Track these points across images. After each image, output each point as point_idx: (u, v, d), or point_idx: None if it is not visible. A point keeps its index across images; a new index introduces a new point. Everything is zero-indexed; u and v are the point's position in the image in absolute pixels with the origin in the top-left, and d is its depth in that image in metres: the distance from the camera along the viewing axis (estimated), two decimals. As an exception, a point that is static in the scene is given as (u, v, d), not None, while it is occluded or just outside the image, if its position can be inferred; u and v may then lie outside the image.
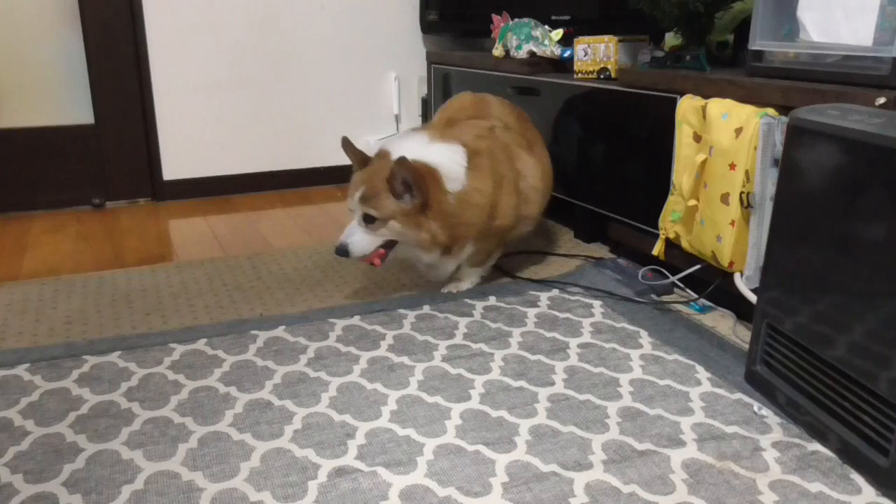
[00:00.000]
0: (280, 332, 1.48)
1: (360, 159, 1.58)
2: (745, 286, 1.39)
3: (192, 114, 2.57)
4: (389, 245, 1.55)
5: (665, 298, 1.65)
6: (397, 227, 1.50)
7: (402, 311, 1.58)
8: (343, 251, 1.52)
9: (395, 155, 1.50)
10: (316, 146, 2.79)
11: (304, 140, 2.77)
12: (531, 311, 1.58)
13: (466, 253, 1.62)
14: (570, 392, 1.24)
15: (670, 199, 1.59)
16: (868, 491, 0.99)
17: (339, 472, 1.02)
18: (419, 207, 1.49)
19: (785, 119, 1.26)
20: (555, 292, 1.69)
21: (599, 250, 2.02)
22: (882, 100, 1.18)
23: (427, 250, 1.54)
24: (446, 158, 1.54)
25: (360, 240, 1.52)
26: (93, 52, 2.46)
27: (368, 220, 1.50)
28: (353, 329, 1.49)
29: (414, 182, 1.46)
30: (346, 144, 1.57)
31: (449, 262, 1.62)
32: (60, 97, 2.49)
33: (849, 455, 1.04)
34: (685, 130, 1.52)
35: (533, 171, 1.70)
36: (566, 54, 2.07)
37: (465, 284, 1.71)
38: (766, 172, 1.35)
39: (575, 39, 1.96)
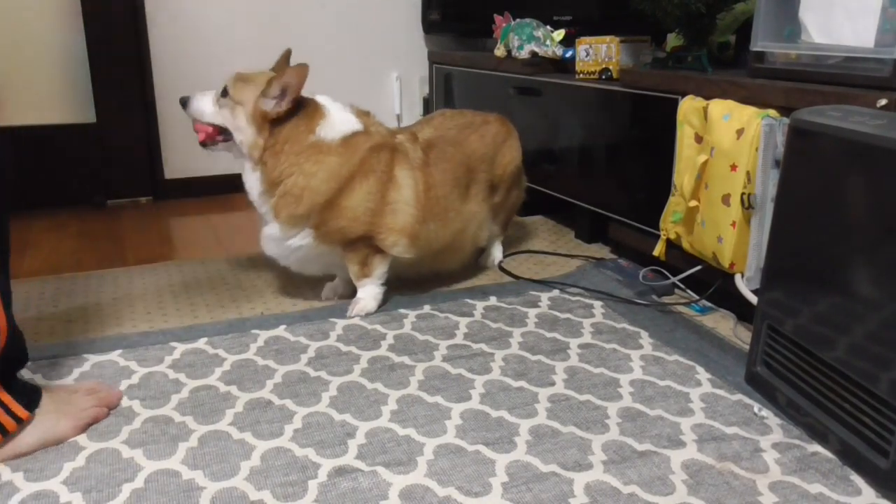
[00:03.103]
0: (281, 331, 1.48)
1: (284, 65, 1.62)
2: (745, 287, 1.39)
3: (194, 113, 2.57)
4: (224, 136, 1.53)
5: (666, 299, 1.65)
6: (241, 117, 1.47)
7: (402, 310, 1.58)
8: (184, 102, 1.55)
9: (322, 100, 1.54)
10: (317, 145, 2.78)
11: (306, 139, 2.77)
12: (532, 312, 1.58)
13: (300, 235, 1.51)
14: (571, 392, 1.24)
15: (671, 199, 1.59)
16: (868, 492, 0.99)
17: (339, 471, 1.02)
18: (273, 117, 1.46)
19: (786, 120, 1.26)
20: (555, 293, 1.69)
21: (600, 251, 2.02)
22: (883, 101, 1.18)
23: (250, 159, 1.49)
24: (340, 117, 1.53)
25: (203, 102, 1.53)
26: (94, 50, 2.46)
27: (224, 92, 1.51)
28: (353, 328, 1.49)
29: (291, 89, 1.45)
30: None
31: (284, 239, 1.52)
32: (62, 95, 2.49)
33: (849, 456, 1.04)
34: (686, 131, 1.52)
35: (411, 186, 1.57)
36: (568, 55, 2.07)
37: (367, 302, 1.58)
38: (767, 174, 1.35)
39: (577, 40, 1.96)
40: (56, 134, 2.48)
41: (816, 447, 1.08)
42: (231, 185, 2.68)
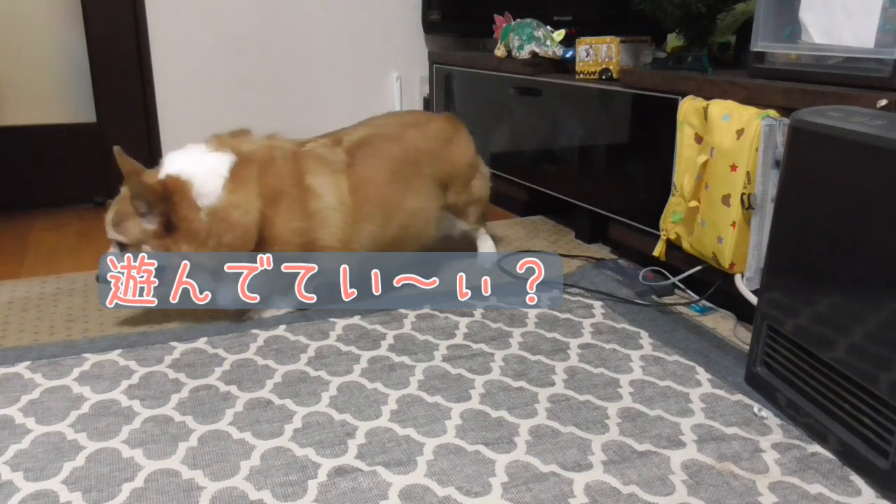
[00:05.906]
0: (281, 330, 1.48)
1: (130, 171, 1.40)
2: (745, 287, 1.39)
3: (194, 112, 2.57)
4: (159, 270, 1.43)
5: (666, 299, 1.65)
6: (150, 253, 1.41)
7: (402, 310, 1.58)
8: (99, 277, 1.46)
9: (165, 168, 1.41)
10: (317, 145, 2.78)
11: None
12: (532, 312, 1.58)
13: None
14: (571, 392, 1.24)
15: (671, 200, 1.59)
16: (868, 493, 0.99)
17: (339, 471, 1.02)
18: (164, 229, 1.38)
19: (786, 121, 1.26)
20: (555, 293, 1.69)
21: (600, 251, 2.02)
22: (883, 102, 1.18)
23: (184, 247, 1.39)
24: (205, 170, 1.40)
25: (115, 260, 1.44)
26: (95, 49, 2.46)
27: (122, 246, 1.43)
28: (353, 328, 1.49)
29: (149, 201, 1.36)
30: (119, 155, 1.39)
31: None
32: (62, 95, 2.49)
33: (849, 457, 1.04)
34: (686, 131, 1.52)
35: (332, 191, 1.51)
36: (568, 55, 2.07)
37: (279, 307, 1.56)
38: (767, 174, 1.35)
39: (577, 40, 1.96)
40: (56, 134, 2.48)
41: (816, 447, 1.09)
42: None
